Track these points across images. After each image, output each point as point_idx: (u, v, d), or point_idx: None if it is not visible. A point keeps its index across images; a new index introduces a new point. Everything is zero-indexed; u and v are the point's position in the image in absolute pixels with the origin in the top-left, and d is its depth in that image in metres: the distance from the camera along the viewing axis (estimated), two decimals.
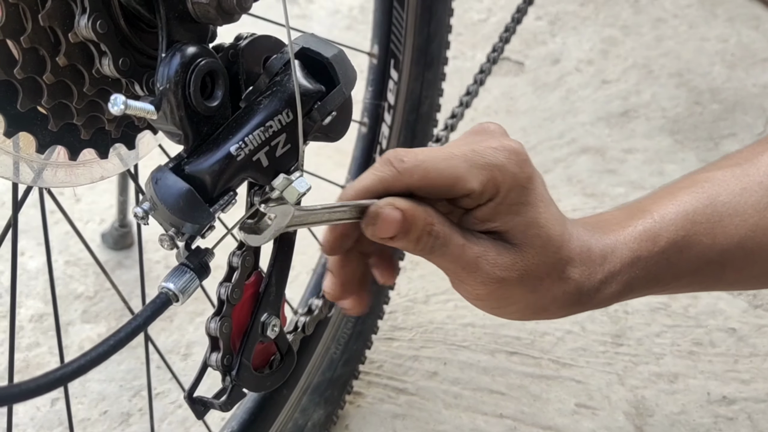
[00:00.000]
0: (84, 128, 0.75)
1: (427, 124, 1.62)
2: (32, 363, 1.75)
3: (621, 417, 1.65)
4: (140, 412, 1.68)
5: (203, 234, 0.69)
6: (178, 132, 0.66)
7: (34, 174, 0.80)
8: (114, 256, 2.00)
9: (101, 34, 0.66)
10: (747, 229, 0.90)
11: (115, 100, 0.61)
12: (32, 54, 0.68)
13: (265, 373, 0.83)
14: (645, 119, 2.46)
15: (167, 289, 0.67)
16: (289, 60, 0.72)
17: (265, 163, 0.69)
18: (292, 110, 0.70)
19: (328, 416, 1.57)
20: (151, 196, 0.65)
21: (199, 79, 0.66)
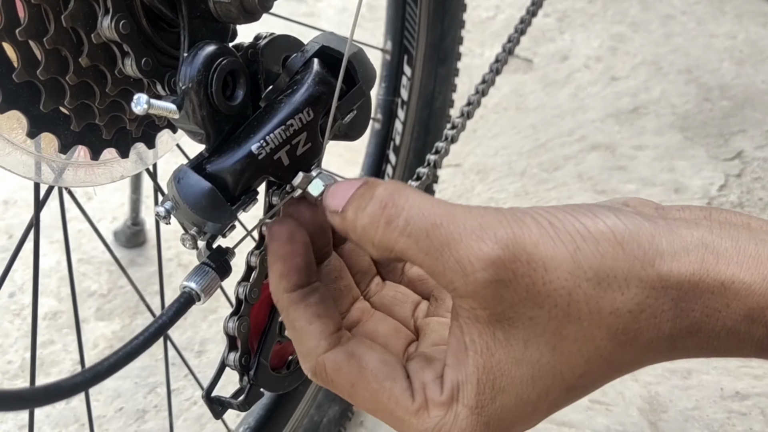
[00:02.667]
0: (106, 128, 0.76)
1: (440, 120, 1.62)
2: (46, 361, 1.76)
3: (635, 413, 1.65)
4: (155, 408, 1.68)
5: (224, 233, 0.69)
6: (200, 131, 0.66)
7: (55, 174, 0.81)
8: (126, 254, 2.01)
9: (124, 34, 0.66)
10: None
11: (138, 100, 0.61)
12: (55, 55, 0.68)
13: (282, 373, 0.83)
14: (655, 116, 2.46)
15: (190, 288, 0.68)
16: (309, 59, 0.72)
17: (286, 161, 0.69)
18: (313, 109, 0.70)
19: (343, 412, 1.58)
20: (173, 196, 0.65)
21: (221, 79, 0.66)
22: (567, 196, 2.17)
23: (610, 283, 0.58)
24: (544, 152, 2.34)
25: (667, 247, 0.59)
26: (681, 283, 0.58)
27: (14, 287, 1.91)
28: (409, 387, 0.64)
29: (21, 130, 0.73)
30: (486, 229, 0.58)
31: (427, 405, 0.62)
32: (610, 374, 0.61)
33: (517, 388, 0.60)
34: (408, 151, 1.60)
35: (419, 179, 1.19)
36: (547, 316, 0.58)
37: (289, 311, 0.67)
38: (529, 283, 0.58)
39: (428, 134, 1.62)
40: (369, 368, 0.64)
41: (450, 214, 0.59)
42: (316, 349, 0.66)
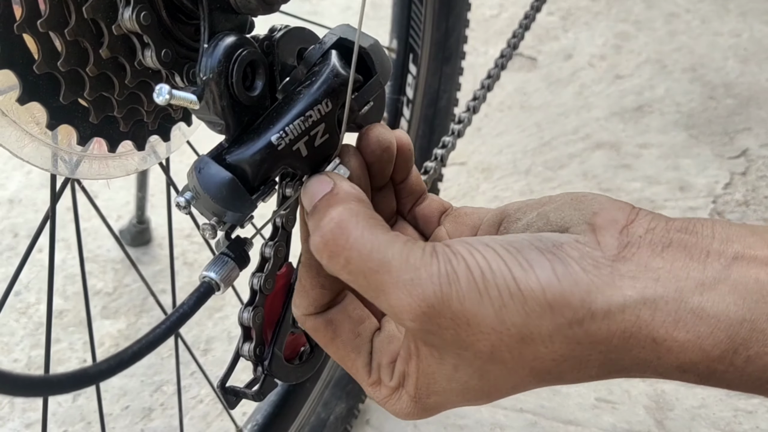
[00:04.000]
0: (123, 120, 0.76)
1: (445, 119, 1.62)
2: (53, 359, 1.76)
3: (641, 411, 1.65)
4: (162, 407, 1.68)
5: (243, 224, 0.69)
6: (220, 122, 0.67)
7: (71, 166, 0.81)
8: (132, 252, 2.02)
9: (145, 26, 0.66)
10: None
11: (160, 90, 0.61)
12: (75, 47, 0.68)
13: (295, 363, 0.84)
14: (659, 114, 2.46)
15: (209, 278, 0.68)
16: (327, 50, 0.72)
17: (305, 152, 0.69)
18: (331, 100, 0.70)
19: (349, 410, 1.58)
20: (194, 186, 0.66)
21: (242, 69, 0.67)
22: None
23: (534, 338, 0.59)
24: (548, 150, 2.35)
25: (601, 305, 0.58)
26: (610, 340, 0.59)
27: (20, 286, 1.91)
28: (368, 363, 0.72)
29: (36, 123, 0.74)
30: (416, 285, 0.60)
31: (379, 383, 0.71)
32: (542, 384, 0.64)
33: (447, 395, 0.66)
34: (414, 149, 1.60)
35: (426, 173, 1.19)
36: (473, 356, 0.62)
37: (302, 270, 0.72)
38: (453, 335, 0.60)
39: (433, 133, 1.62)
40: (341, 337, 0.73)
41: (386, 263, 0.61)
42: (305, 309, 0.73)
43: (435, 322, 0.60)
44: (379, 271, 0.61)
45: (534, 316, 0.58)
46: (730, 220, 2.09)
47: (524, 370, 0.61)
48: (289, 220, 0.79)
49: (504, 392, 0.65)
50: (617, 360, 0.59)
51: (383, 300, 0.61)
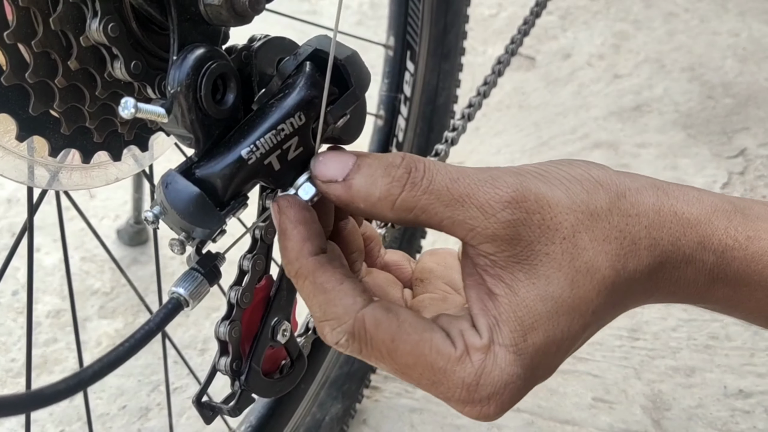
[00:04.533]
0: (97, 131, 0.75)
1: (444, 116, 1.61)
2: (50, 359, 1.76)
3: (638, 411, 1.65)
4: (159, 406, 1.69)
5: (214, 238, 0.69)
6: (189, 135, 0.66)
7: (50, 177, 0.81)
8: (129, 252, 2.01)
9: (113, 37, 0.66)
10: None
11: (125, 104, 0.61)
12: (44, 58, 0.68)
13: (274, 378, 0.83)
14: (658, 114, 2.45)
15: (178, 294, 0.67)
16: (302, 62, 0.72)
17: (277, 166, 0.68)
18: (305, 113, 0.69)
19: (345, 410, 1.58)
20: (161, 201, 0.65)
21: (211, 82, 0.66)
22: None
23: (599, 213, 0.66)
24: (547, 150, 2.34)
25: (630, 185, 0.69)
26: (647, 212, 0.68)
27: (17, 285, 1.91)
28: (447, 336, 0.66)
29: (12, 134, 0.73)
30: (497, 178, 0.66)
31: (468, 350, 0.65)
32: (611, 311, 0.69)
33: (543, 324, 0.65)
34: (411, 147, 1.60)
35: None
36: (560, 250, 0.65)
37: (317, 275, 0.67)
38: (539, 220, 0.65)
39: (432, 131, 1.61)
40: (407, 321, 0.66)
41: (462, 171, 0.66)
42: (353, 305, 0.67)
43: (523, 207, 0.65)
44: (459, 178, 0.66)
45: (592, 192, 0.67)
46: None
47: (602, 259, 0.66)
48: (268, 232, 0.78)
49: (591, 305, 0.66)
50: (658, 239, 0.68)
51: (469, 205, 0.65)
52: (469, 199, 0.65)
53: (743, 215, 0.71)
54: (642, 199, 0.68)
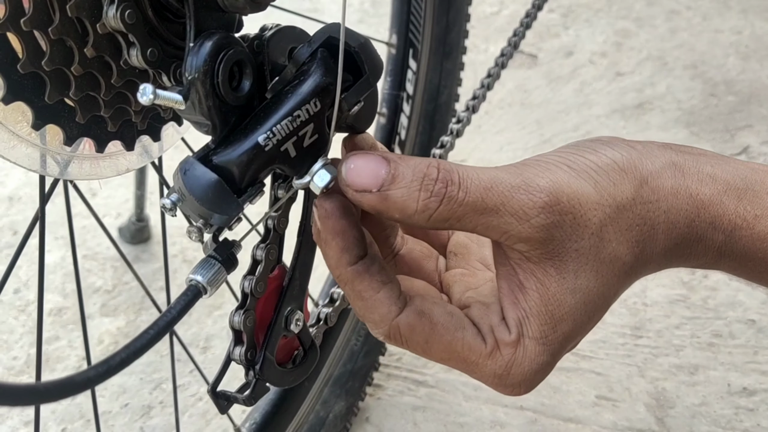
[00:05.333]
0: (111, 120, 0.75)
1: (445, 114, 1.61)
2: (52, 356, 1.76)
3: (642, 409, 1.65)
4: (161, 404, 1.68)
5: (231, 226, 0.69)
6: (206, 122, 0.66)
7: (60, 167, 0.80)
8: (131, 250, 2.01)
9: (129, 24, 0.66)
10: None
11: (144, 90, 0.61)
12: (60, 45, 0.68)
13: (288, 367, 0.83)
14: (660, 111, 2.45)
15: (196, 282, 0.67)
16: (316, 49, 0.72)
17: (293, 153, 0.68)
18: (320, 100, 0.69)
19: (349, 408, 1.57)
20: (179, 187, 0.65)
21: (228, 69, 0.66)
22: None
23: (624, 205, 0.69)
24: (549, 147, 2.33)
25: (651, 168, 0.71)
26: (666, 197, 0.70)
27: (19, 283, 1.90)
28: (478, 333, 0.71)
29: (26, 122, 0.73)
30: (530, 183, 0.67)
31: (498, 346, 0.69)
32: (624, 288, 0.73)
33: (573, 315, 0.69)
34: (413, 145, 1.60)
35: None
36: (588, 245, 0.68)
37: (355, 284, 0.70)
38: (571, 219, 0.67)
39: (434, 128, 1.61)
40: (440, 323, 0.70)
41: (495, 177, 0.67)
42: (388, 315, 0.70)
43: (557, 210, 0.66)
44: (492, 186, 0.66)
45: (618, 183, 0.69)
46: None
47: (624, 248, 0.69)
48: (281, 221, 0.78)
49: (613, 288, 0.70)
50: (675, 222, 0.71)
51: (503, 212, 0.66)
52: (503, 207, 0.66)
53: (753, 192, 0.73)
54: (661, 183, 0.71)
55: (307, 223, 0.81)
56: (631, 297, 1.88)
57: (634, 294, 1.88)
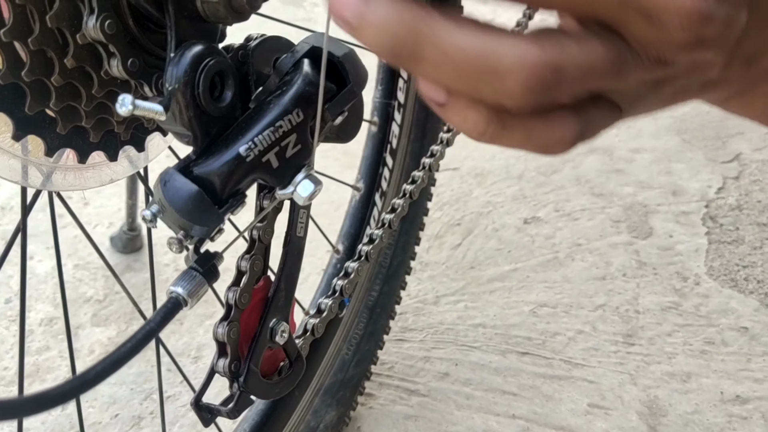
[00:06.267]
0: (93, 131, 0.75)
1: (437, 123, 1.61)
2: (42, 367, 1.75)
3: (634, 417, 1.64)
4: (151, 415, 1.67)
5: (212, 237, 0.68)
6: (187, 133, 0.65)
7: (44, 177, 0.80)
8: (123, 259, 2.00)
9: (109, 34, 0.65)
10: None
11: (123, 101, 0.60)
12: (40, 56, 0.67)
13: (273, 380, 0.82)
14: (652, 119, 2.45)
15: (177, 294, 0.67)
16: (299, 59, 0.71)
17: (276, 164, 0.68)
18: (303, 110, 0.69)
19: (340, 418, 1.57)
20: (159, 199, 0.64)
21: (209, 79, 0.65)
22: (565, 198, 2.16)
23: None
24: (541, 155, 2.33)
25: None
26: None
27: (10, 293, 1.90)
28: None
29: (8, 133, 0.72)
30: None
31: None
32: None
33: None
34: (405, 154, 1.59)
35: (414, 183, 1.18)
36: None
37: None
38: None
39: (425, 137, 1.60)
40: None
41: None
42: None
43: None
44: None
45: None
46: (723, 225, 2.08)
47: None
48: (266, 232, 0.78)
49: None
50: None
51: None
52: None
53: None
54: None
55: (293, 233, 0.80)
56: (623, 304, 1.87)
57: (626, 301, 1.88)
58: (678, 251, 2.00)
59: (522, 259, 2.00)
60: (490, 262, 2.00)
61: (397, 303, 1.66)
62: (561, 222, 2.10)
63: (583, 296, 1.90)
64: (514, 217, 2.12)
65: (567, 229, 2.08)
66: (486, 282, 1.95)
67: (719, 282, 1.92)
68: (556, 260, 2.00)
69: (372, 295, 1.59)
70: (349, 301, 1.51)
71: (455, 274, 1.97)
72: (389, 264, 1.62)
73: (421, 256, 1.99)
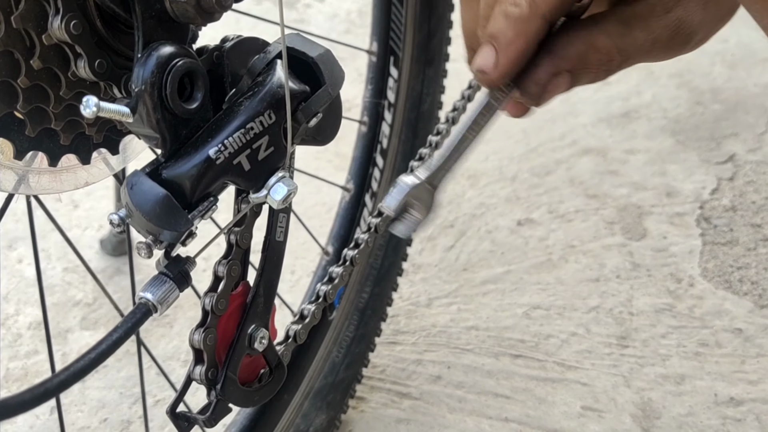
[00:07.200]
0: (63, 133, 0.73)
1: (428, 123, 1.59)
2: (31, 371, 1.74)
3: (628, 419, 1.63)
4: (141, 419, 1.66)
5: (184, 242, 0.67)
6: (155, 135, 0.64)
7: (17, 180, 0.78)
8: (113, 262, 1.99)
9: (75, 35, 0.64)
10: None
11: (87, 102, 0.59)
12: (6, 57, 0.66)
13: (253, 387, 0.81)
14: (646, 120, 2.44)
15: (146, 299, 0.65)
16: (271, 60, 0.70)
17: (247, 167, 0.66)
18: (275, 111, 0.67)
19: (330, 421, 1.55)
20: (126, 203, 0.63)
21: (177, 80, 0.64)
22: (558, 200, 2.15)
23: None
24: (535, 157, 2.32)
25: None
26: None
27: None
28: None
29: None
30: None
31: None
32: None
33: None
34: (396, 154, 1.58)
35: None
36: None
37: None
38: None
39: (416, 137, 1.59)
40: None
41: None
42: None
43: None
44: None
45: None
46: (717, 226, 2.07)
47: None
48: (244, 236, 0.76)
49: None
50: None
51: None
52: None
53: None
54: None
55: (271, 237, 0.79)
56: (617, 306, 1.86)
57: (620, 303, 1.87)
58: (672, 253, 1.99)
59: (515, 261, 1.99)
60: (483, 264, 1.99)
61: (388, 305, 1.65)
62: (554, 224, 2.09)
63: (576, 298, 1.89)
64: (508, 219, 2.10)
65: (561, 230, 2.07)
66: (479, 284, 1.94)
67: (713, 283, 1.91)
68: (549, 262, 1.98)
69: (363, 297, 1.58)
70: (339, 303, 1.50)
71: (448, 276, 1.96)
72: (380, 266, 1.61)
73: (413, 258, 1.97)
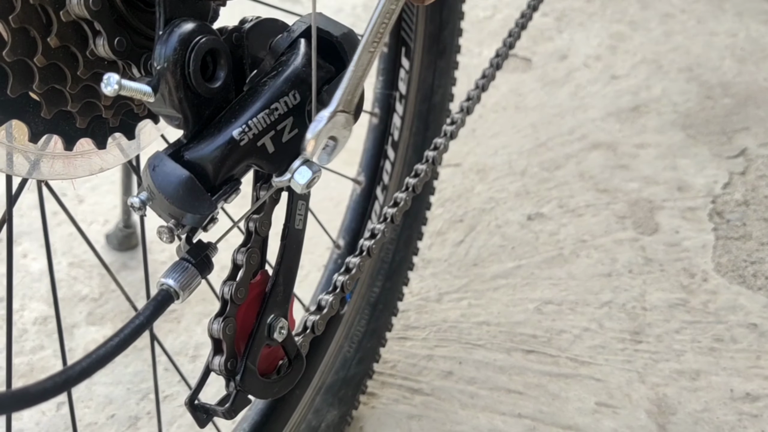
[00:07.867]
0: (79, 115, 0.71)
1: (440, 115, 1.58)
2: (36, 366, 1.72)
3: (643, 415, 1.61)
4: (148, 415, 1.64)
5: (205, 226, 0.65)
6: (177, 115, 0.62)
7: (30, 165, 0.76)
8: (119, 257, 1.97)
9: (95, 11, 0.62)
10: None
11: (108, 80, 0.57)
12: (22, 35, 0.64)
13: (272, 378, 0.79)
14: (656, 114, 2.42)
15: (168, 286, 0.63)
16: (296, 39, 0.68)
17: (271, 149, 0.64)
18: (299, 91, 0.65)
19: (342, 417, 1.54)
20: (148, 185, 0.61)
21: (200, 58, 0.62)
22: (569, 194, 2.13)
23: None
24: (544, 151, 2.30)
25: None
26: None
27: (2, 291, 1.86)
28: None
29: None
30: None
31: None
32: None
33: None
34: (407, 146, 1.56)
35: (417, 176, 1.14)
36: None
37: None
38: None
39: (428, 129, 1.58)
40: None
41: None
42: None
43: None
44: None
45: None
46: (730, 220, 2.05)
47: None
48: (264, 224, 0.74)
49: None
50: None
51: None
52: None
53: None
54: None
55: (291, 225, 0.77)
56: (629, 301, 1.84)
57: (633, 298, 1.85)
58: (685, 247, 1.97)
59: (526, 256, 1.97)
60: (494, 259, 1.97)
61: (399, 299, 1.63)
62: (565, 218, 2.07)
63: (588, 293, 1.87)
64: (518, 214, 2.08)
65: (571, 225, 2.05)
66: (489, 279, 1.92)
67: (727, 278, 1.89)
68: (560, 257, 1.96)
69: (374, 291, 1.56)
70: (351, 297, 1.48)
71: (458, 271, 1.94)
72: (391, 260, 1.59)
73: (423, 253, 1.95)
